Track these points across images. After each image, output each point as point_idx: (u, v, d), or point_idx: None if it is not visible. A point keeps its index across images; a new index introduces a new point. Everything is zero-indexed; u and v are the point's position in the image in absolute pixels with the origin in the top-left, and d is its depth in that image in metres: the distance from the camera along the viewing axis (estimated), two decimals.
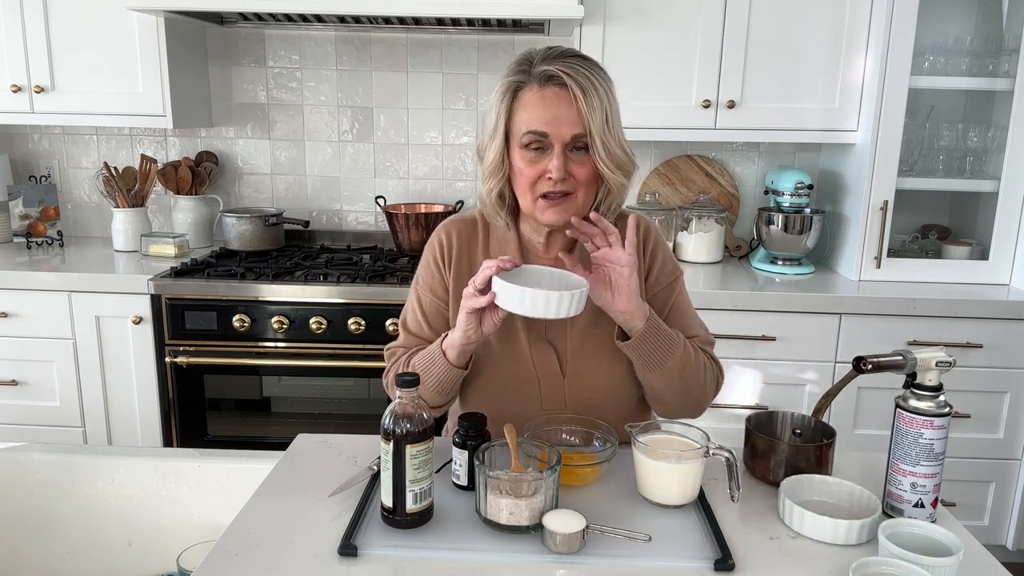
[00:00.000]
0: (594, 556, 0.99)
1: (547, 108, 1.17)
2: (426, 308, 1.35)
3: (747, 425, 1.25)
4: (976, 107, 2.55)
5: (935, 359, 1.08)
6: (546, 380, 1.30)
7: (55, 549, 1.49)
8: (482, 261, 1.23)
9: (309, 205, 2.89)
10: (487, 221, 1.35)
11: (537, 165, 1.19)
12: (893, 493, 1.11)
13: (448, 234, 1.35)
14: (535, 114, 1.18)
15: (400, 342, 1.38)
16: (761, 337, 2.23)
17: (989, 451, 2.31)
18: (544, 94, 1.18)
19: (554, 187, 1.19)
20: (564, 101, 1.16)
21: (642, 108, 2.39)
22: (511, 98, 1.21)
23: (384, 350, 1.40)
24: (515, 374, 1.30)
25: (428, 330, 1.34)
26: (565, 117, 1.17)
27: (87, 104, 2.46)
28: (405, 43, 2.75)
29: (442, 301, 1.34)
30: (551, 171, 1.18)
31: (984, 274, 2.38)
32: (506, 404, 1.29)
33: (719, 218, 2.65)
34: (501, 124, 1.21)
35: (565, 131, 1.17)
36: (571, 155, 1.19)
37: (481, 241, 1.34)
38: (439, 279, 1.34)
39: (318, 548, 1.01)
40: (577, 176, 1.20)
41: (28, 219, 2.76)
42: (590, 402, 1.30)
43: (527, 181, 1.21)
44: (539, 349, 1.29)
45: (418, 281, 1.37)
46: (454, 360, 1.22)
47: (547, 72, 1.17)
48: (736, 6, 2.33)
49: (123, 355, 2.32)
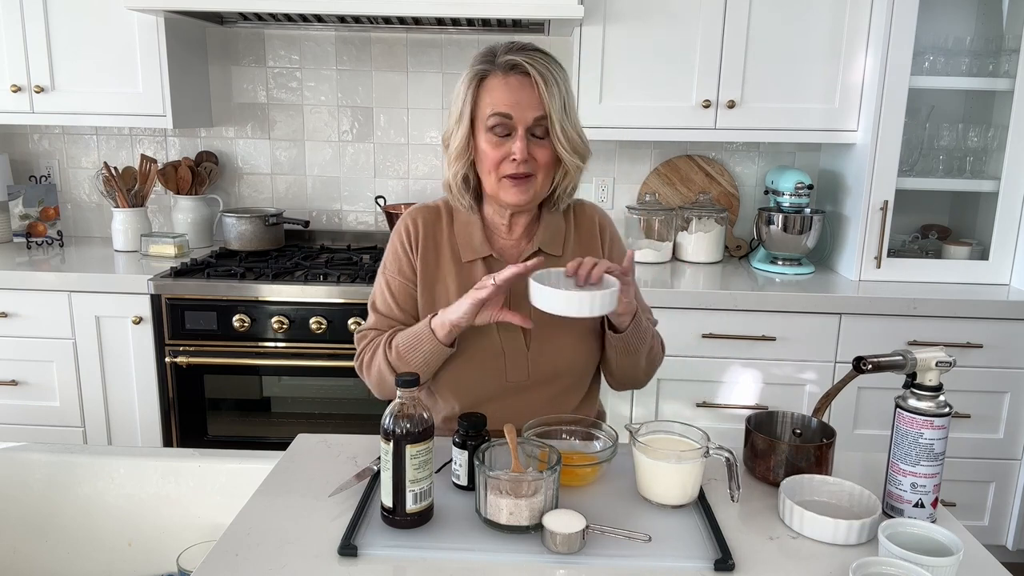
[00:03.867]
0: (594, 556, 0.99)
1: (511, 93, 1.27)
2: (395, 290, 1.41)
3: (747, 425, 1.25)
4: (976, 107, 2.55)
5: (935, 359, 1.08)
6: (511, 354, 1.36)
7: (55, 549, 1.49)
8: (449, 245, 1.39)
9: (309, 205, 2.89)
10: (451, 208, 1.43)
11: (501, 148, 1.29)
12: (893, 493, 1.11)
13: (414, 220, 1.42)
14: (500, 98, 1.27)
15: (371, 323, 1.43)
16: (761, 337, 2.23)
17: (989, 451, 2.31)
18: (508, 80, 1.28)
19: (517, 168, 1.28)
20: (527, 87, 1.27)
21: (642, 108, 2.39)
22: (476, 86, 1.30)
23: (355, 333, 1.44)
24: (482, 347, 1.35)
25: (397, 310, 1.40)
26: (527, 101, 1.26)
27: (87, 104, 2.46)
28: (405, 43, 2.75)
29: (410, 282, 1.40)
30: (515, 152, 1.27)
31: (984, 274, 2.38)
32: (471, 376, 1.37)
33: (719, 218, 2.65)
34: (467, 110, 1.30)
35: (528, 114, 1.27)
36: (531, 139, 1.29)
37: (446, 227, 1.42)
38: (407, 262, 1.40)
39: (318, 548, 1.01)
40: (538, 158, 1.29)
41: (28, 219, 2.76)
42: (553, 374, 1.38)
43: (491, 163, 1.30)
44: (506, 325, 1.33)
45: (385, 266, 1.43)
46: (443, 338, 1.29)
47: (511, 61, 1.27)
48: (736, 6, 2.33)
49: (123, 355, 2.32)
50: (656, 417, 2.28)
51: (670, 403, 2.30)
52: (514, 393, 1.37)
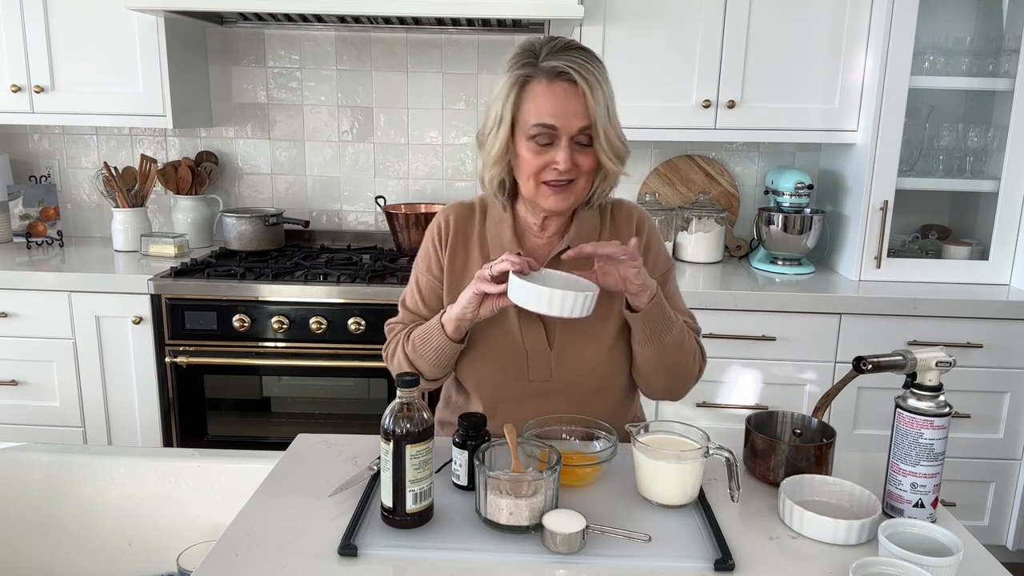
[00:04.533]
0: (594, 556, 0.99)
1: (556, 102, 1.21)
2: (423, 287, 1.41)
3: (747, 425, 1.25)
4: (976, 107, 2.55)
5: (935, 359, 1.08)
6: (534, 353, 1.34)
7: (55, 549, 1.49)
8: (479, 242, 1.37)
9: (309, 205, 2.89)
10: (485, 205, 1.41)
11: (542, 156, 1.24)
12: (893, 493, 1.11)
13: (447, 217, 1.41)
14: (544, 107, 1.21)
15: (399, 318, 1.45)
16: (761, 337, 2.23)
17: (989, 451, 2.31)
18: (553, 89, 1.21)
19: (559, 176, 1.24)
20: (572, 96, 1.21)
21: (642, 108, 2.39)
22: (519, 90, 1.24)
23: (384, 324, 1.46)
24: (504, 347, 1.34)
25: (424, 308, 1.41)
26: (572, 111, 1.21)
27: (87, 104, 2.46)
28: (405, 43, 2.75)
29: (438, 280, 1.40)
30: (559, 162, 1.22)
31: (984, 274, 2.38)
32: (494, 376, 1.36)
33: (719, 218, 2.65)
34: (508, 114, 1.24)
35: (572, 124, 1.21)
36: (575, 146, 1.24)
37: (478, 224, 1.40)
38: (435, 260, 1.40)
39: (318, 548, 1.01)
40: (581, 166, 1.25)
41: (28, 219, 2.76)
42: (577, 375, 1.35)
43: (531, 170, 1.25)
44: (528, 324, 1.32)
45: (417, 262, 1.44)
46: (451, 334, 1.28)
47: (556, 68, 1.21)
48: (736, 6, 2.33)
49: (123, 355, 2.32)
50: (656, 417, 2.28)
51: (670, 403, 2.30)
52: (538, 395, 1.34)
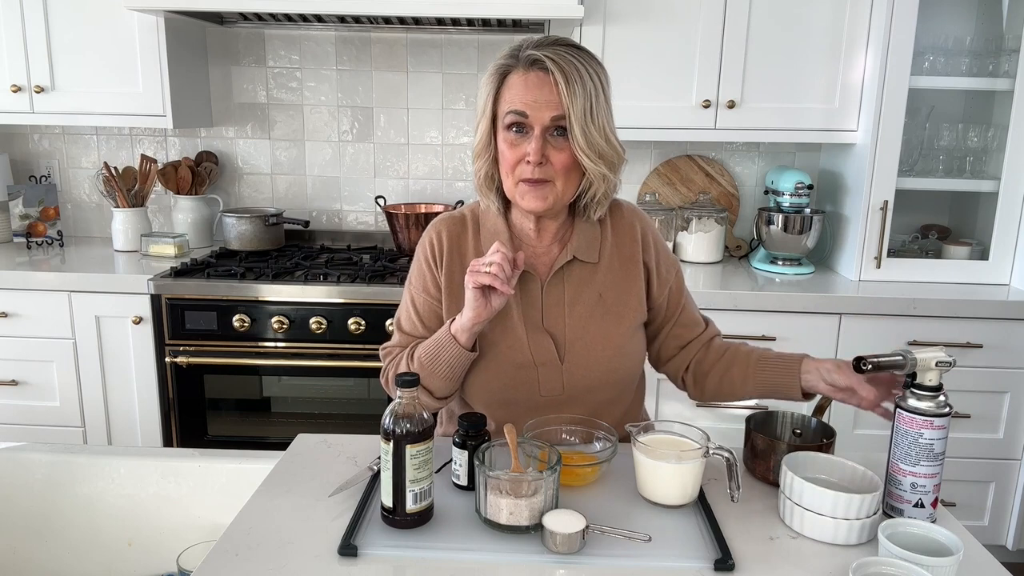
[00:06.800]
0: (594, 556, 0.99)
1: (529, 90, 1.20)
2: (420, 307, 1.36)
3: (747, 425, 1.25)
4: (976, 107, 2.55)
5: (935, 359, 1.08)
6: (544, 367, 1.31)
7: (55, 549, 1.49)
8: (475, 255, 1.31)
9: (309, 205, 2.89)
10: (477, 216, 1.37)
11: (518, 148, 1.22)
12: (893, 493, 1.11)
13: (439, 233, 1.36)
14: (517, 95, 1.21)
15: (395, 342, 1.39)
16: (761, 337, 2.23)
17: (989, 451, 2.31)
18: (528, 77, 1.21)
19: (532, 172, 1.22)
20: (546, 85, 1.19)
21: (642, 108, 2.39)
22: (499, 80, 1.24)
23: (380, 350, 1.41)
24: (513, 361, 1.30)
25: (422, 328, 1.36)
26: (545, 100, 1.19)
27: (87, 104, 2.46)
28: (405, 43, 2.75)
29: (435, 300, 1.35)
30: (529, 153, 1.20)
31: (984, 274, 2.38)
32: (505, 391, 1.32)
33: (719, 218, 2.65)
34: (488, 105, 1.25)
35: (544, 114, 1.20)
36: (551, 140, 1.22)
37: (471, 237, 1.36)
38: (431, 278, 1.35)
39: (318, 548, 1.01)
40: (555, 162, 1.22)
41: (28, 219, 2.76)
42: (588, 388, 1.32)
43: (509, 164, 1.24)
44: (536, 338, 1.30)
45: (411, 281, 1.39)
46: (464, 343, 1.24)
47: (532, 56, 1.21)
48: (736, 6, 2.33)
49: (123, 355, 2.32)
50: (656, 417, 2.28)
51: (670, 403, 2.30)
52: (550, 408, 1.30)
